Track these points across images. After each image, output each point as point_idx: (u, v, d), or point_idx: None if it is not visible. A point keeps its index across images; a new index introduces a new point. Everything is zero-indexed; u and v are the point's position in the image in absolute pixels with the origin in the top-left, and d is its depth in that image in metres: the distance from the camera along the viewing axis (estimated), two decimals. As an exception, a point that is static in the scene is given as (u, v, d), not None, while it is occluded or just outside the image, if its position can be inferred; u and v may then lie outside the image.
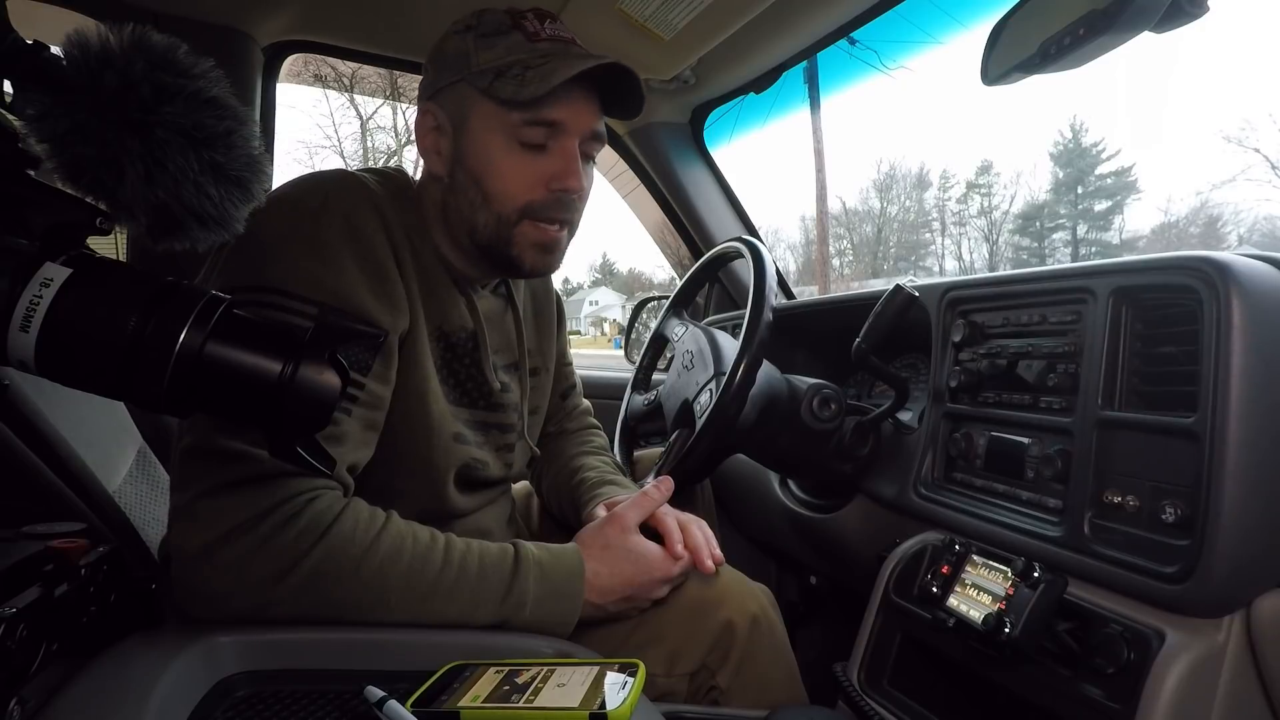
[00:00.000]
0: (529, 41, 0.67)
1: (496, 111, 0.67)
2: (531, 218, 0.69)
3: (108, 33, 0.36)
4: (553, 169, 0.68)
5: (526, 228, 0.69)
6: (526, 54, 0.66)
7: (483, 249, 0.71)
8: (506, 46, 0.67)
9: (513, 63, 0.66)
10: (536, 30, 0.68)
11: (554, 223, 0.70)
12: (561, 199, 0.69)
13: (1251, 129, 22.05)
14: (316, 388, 0.39)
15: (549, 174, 0.68)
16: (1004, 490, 0.71)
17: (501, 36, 0.68)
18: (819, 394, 0.88)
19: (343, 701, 0.47)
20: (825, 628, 1.24)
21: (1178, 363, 0.57)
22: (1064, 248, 26.51)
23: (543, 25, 0.69)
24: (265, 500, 0.53)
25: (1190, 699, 0.50)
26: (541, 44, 0.67)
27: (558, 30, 0.69)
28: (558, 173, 0.68)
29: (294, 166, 14.58)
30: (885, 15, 1.16)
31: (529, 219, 0.69)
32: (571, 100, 0.67)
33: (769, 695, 0.68)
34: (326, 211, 0.61)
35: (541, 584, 0.60)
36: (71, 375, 0.36)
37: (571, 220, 0.72)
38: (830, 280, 18.51)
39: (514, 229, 0.69)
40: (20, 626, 0.39)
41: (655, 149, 1.57)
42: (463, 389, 0.74)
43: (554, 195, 0.69)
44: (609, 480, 0.86)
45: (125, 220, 0.38)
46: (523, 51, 0.66)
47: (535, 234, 0.70)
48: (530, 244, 0.70)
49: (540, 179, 0.68)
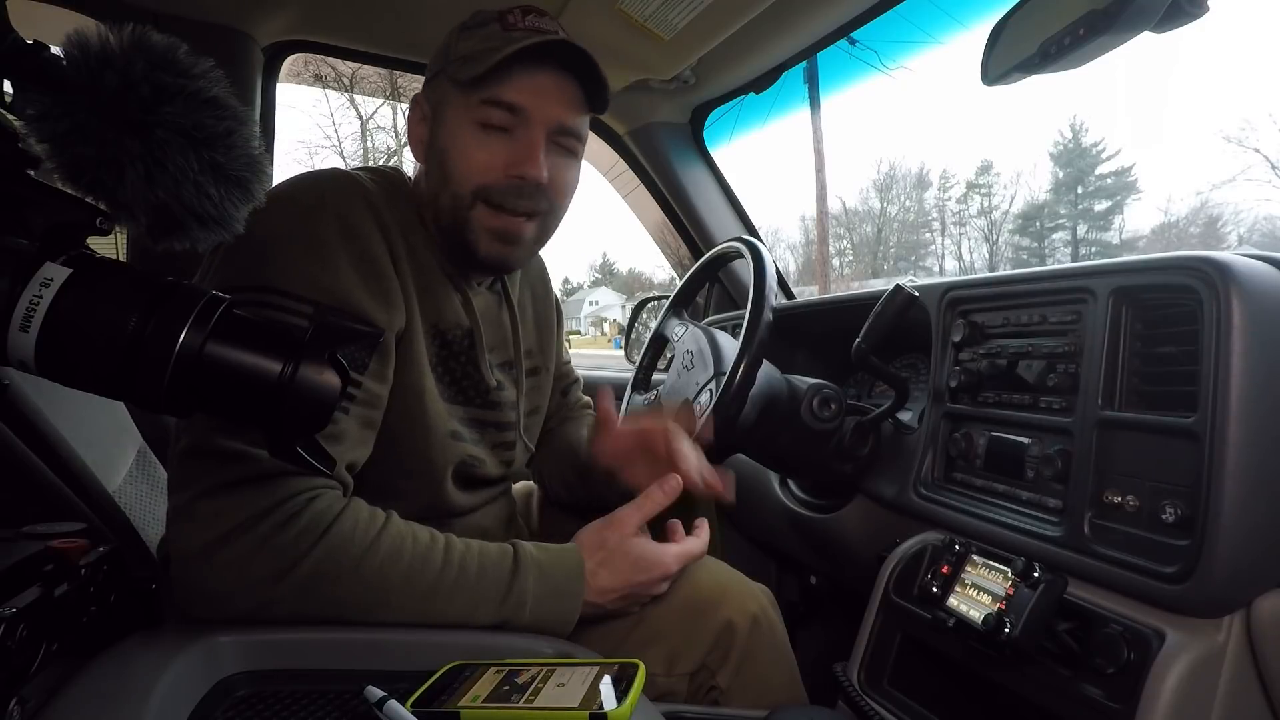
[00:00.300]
0: (504, 31, 0.67)
1: (460, 95, 0.68)
2: (486, 201, 0.68)
3: (108, 33, 0.36)
4: (513, 155, 0.67)
5: (482, 212, 0.68)
6: (498, 41, 0.66)
7: (444, 234, 0.71)
8: (482, 36, 0.68)
9: (484, 50, 0.66)
10: (515, 21, 0.68)
11: (515, 213, 0.69)
12: (520, 187, 0.68)
13: (1251, 129, 22.09)
14: (316, 387, 0.39)
15: (508, 159, 0.67)
16: (1004, 490, 0.71)
17: (480, 28, 0.69)
18: (819, 394, 0.88)
19: (343, 701, 0.47)
20: (825, 628, 1.24)
21: (1178, 363, 0.57)
22: (1064, 248, 26.52)
23: (524, 18, 0.68)
24: (265, 500, 0.53)
25: (1190, 699, 0.50)
26: (516, 32, 0.67)
27: (539, 23, 0.69)
28: (517, 158, 0.67)
29: (294, 166, 14.56)
30: (885, 15, 1.16)
31: (484, 203, 0.68)
32: (534, 86, 0.67)
33: (769, 695, 0.68)
34: (322, 210, 0.61)
35: (541, 584, 0.60)
36: (71, 375, 0.36)
37: (537, 212, 0.71)
38: (830, 280, 18.51)
39: (469, 212, 0.69)
40: (20, 626, 0.39)
41: (655, 149, 1.57)
42: (458, 386, 0.74)
43: (511, 181, 0.68)
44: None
45: (125, 220, 0.38)
46: (495, 40, 0.67)
47: (492, 220, 0.69)
48: (485, 229, 0.69)
49: (497, 162, 0.68)
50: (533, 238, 0.72)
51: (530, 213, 0.70)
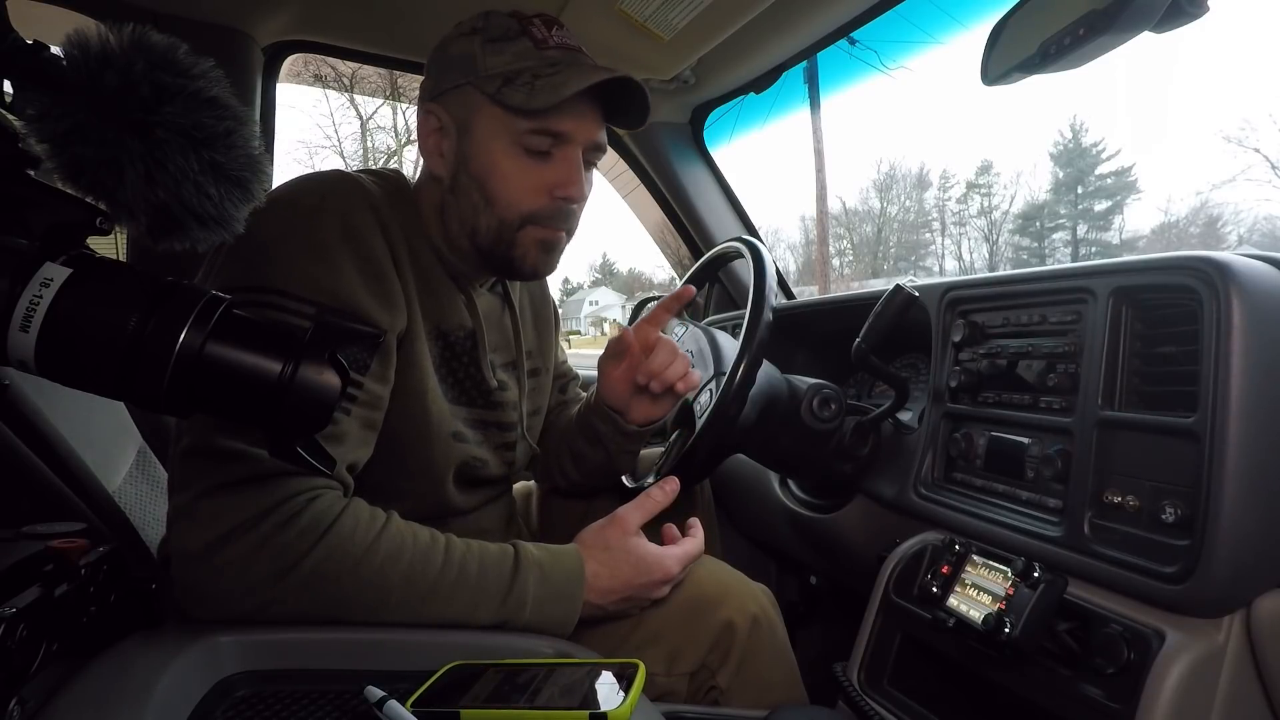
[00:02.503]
0: (537, 49, 0.67)
1: (503, 117, 0.67)
2: (534, 224, 0.70)
3: (108, 33, 0.36)
4: (556, 177, 0.69)
5: (529, 230, 0.70)
6: (535, 61, 0.66)
7: (483, 251, 0.71)
8: (515, 53, 0.67)
9: (521, 70, 0.66)
10: (544, 37, 0.68)
11: (558, 228, 0.72)
12: (563, 208, 0.70)
13: (1251, 129, 22.02)
14: (317, 388, 0.39)
15: (552, 182, 0.69)
16: (1004, 490, 0.71)
17: (509, 42, 0.68)
18: (819, 394, 0.88)
19: (343, 701, 0.47)
20: (825, 628, 1.24)
21: (1178, 363, 0.57)
22: (1064, 248, 26.51)
23: (550, 32, 0.69)
24: (265, 500, 0.53)
25: (1190, 699, 0.50)
26: (550, 52, 0.67)
27: (565, 39, 0.70)
28: (561, 181, 0.69)
29: (294, 166, 14.56)
30: (885, 15, 1.16)
31: (532, 224, 0.70)
32: (578, 111, 0.67)
33: (769, 695, 0.68)
34: (323, 212, 0.61)
35: (541, 585, 0.60)
36: (71, 375, 0.36)
37: (571, 226, 0.74)
38: (830, 280, 18.50)
39: (517, 233, 0.70)
40: (20, 626, 0.39)
41: (655, 149, 1.57)
42: (461, 388, 0.74)
43: (556, 204, 0.70)
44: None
45: (125, 220, 0.38)
46: (531, 59, 0.67)
47: (539, 233, 0.71)
48: (534, 243, 0.71)
49: (544, 187, 0.69)
50: (565, 246, 0.75)
51: (567, 227, 0.73)
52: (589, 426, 0.87)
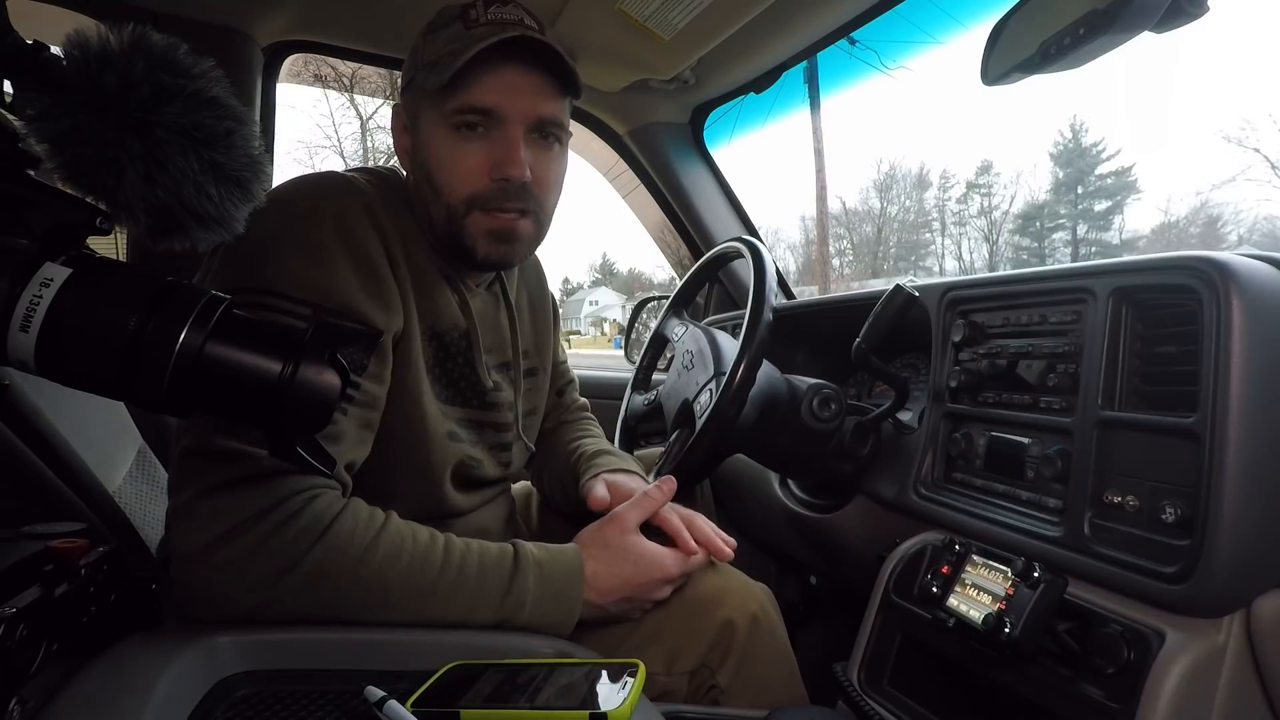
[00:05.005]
0: (466, 29, 0.66)
1: (432, 104, 0.67)
2: (480, 208, 0.68)
3: (108, 33, 0.36)
4: (494, 157, 0.67)
5: (476, 217, 0.68)
6: (460, 43, 0.65)
7: (442, 243, 0.71)
8: (447, 37, 0.66)
9: (446, 53, 0.65)
10: (477, 16, 0.66)
11: (506, 211, 0.69)
12: (507, 188, 0.68)
13: (1251, 129, 22.06)
14: (317, 388, 0.39)
15: (489, 162, 0.67)
16: (1004, 490, 0.71)
17: (445, 29, 0.67)
18: (819, 394, 0.88)
19: (343, 701, 0.47)
20: (825, 628, 1.24)
21: (1178, 363, 0.57)
22: (1064, 248, 26.51)
23: (486, 11, 0.67)
24: (264, 499, 0.53)
25: (1190, 699, 0.50)
26: (478, 29, 0.65)
27: (502, 14, 0.67)
28: (498, 160, 0.67)
29: (294, 166, 14.57)
30: (885, 15, 1.16)
31: (477, 209, 0.68)
32: (501, 84, 0.66)
33: (769, 695, 0.68)
34: (318, 213, 0.61)
35: (541, 584, 0.60)
36: (71, 375, 0.36)
37: (528, 208, 0.70)
38: (830, 280, 18.50)
39: (464, 220, 0.68)
40: (20, 626, 0.39)
41: (655, 149, 1.57)
42: (455, 388, 0.74)
43: (497, 184, 0.67)
44: (605, 451, 0.86)
45: (125, 220, 0.38)
46: (458, 41, 0.65)
47: (487, 222, 0.69)
48: (483, 233, 0.69)
49: (481, 168, 0.67)
50: (530, 234, 0.72)
51: (522, 210, 0.70)
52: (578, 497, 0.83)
